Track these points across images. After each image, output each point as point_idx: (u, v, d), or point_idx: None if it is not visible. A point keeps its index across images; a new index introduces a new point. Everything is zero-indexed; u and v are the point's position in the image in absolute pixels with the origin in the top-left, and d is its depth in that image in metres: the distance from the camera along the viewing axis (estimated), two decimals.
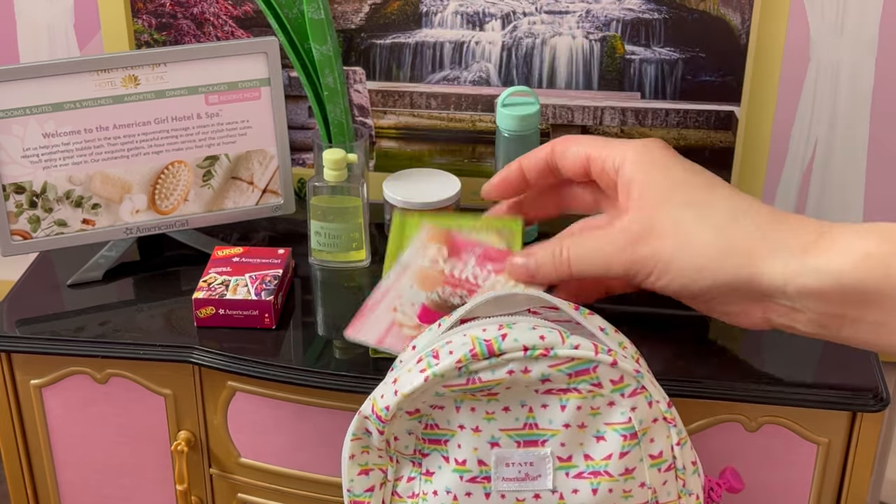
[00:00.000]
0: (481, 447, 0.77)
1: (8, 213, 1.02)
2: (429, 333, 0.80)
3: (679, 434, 0.77)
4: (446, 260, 0.89)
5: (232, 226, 1.14)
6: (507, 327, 0.75)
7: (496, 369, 0.74)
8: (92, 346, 0.98)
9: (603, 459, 0.77)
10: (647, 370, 0.79)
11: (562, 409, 0.76)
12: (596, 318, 0.80)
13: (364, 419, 0.78)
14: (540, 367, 0.74)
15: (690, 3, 1.09)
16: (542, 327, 0.75)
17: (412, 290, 0.88)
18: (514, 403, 0.77)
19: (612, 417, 0.76)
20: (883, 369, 0.91)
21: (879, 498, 1.54)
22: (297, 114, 1.20)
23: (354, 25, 1.15)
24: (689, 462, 0.78)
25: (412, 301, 0.87)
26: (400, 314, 0.87)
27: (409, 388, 0.74)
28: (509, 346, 0.73)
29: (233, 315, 0.98)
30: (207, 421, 1.00)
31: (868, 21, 1.38)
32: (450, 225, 1.02)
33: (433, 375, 0.74)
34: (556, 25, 1.12)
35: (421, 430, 0.78)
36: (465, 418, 0.77)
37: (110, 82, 1.01)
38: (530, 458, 0.77)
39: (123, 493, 1.06)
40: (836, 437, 0.91)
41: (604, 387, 0.75)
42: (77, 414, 1.02)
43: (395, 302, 0.87)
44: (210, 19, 1.17)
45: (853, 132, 1.43)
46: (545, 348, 0.74)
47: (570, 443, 0.77)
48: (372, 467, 0.80)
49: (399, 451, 0.79)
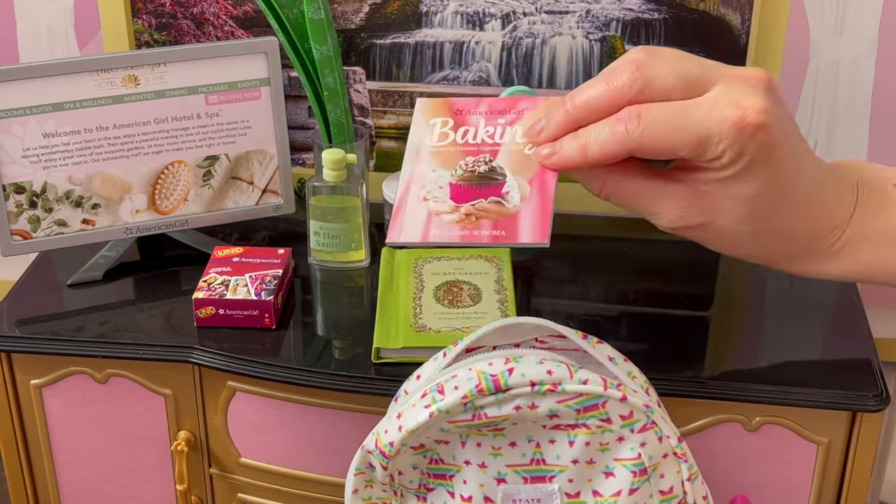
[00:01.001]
0: (487, 483, 0.76)
1: (8, 213, 1.02)
2: (433, 363, 0.79)
3: (690, 469, 0.76)
4: (455, 130, 0.84)
5: (232, 226, 1.14)
6: (513, 361, 0.73)
7: (503, 405, 0.73)
8: (92, 346, 0.98)
9: (612, 496, 0.75)
10: (658, 402, 0.78)
11: (570, 444, 0.75)
12: (605, 347, 0.79)
13: (367, 454, 0.77)
14: (548, 402, 0.73)
15: (690, 3, 1.09)
16: (550, 361, 0.73)
17: (435, 173, 0.82)
18: (521, 439, 0.75)
19: (622, 453, 0.75)
20: (883, 369, 0.91)
21: (879, 498, 1.54)
22: (297, 114, 1.20)
23: (354, 25, 1.15)
24: (700, 497, 0.77)
25: (439, 184, 0.81)
26: (432, 202, 0.80)
27: (414, 424, 0.73)
28: (516, 381, 0.72)
29: (233, 315, 0.98)
30: (207, 421, 1.00)
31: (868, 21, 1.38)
32: (432, 256, 1.02)
33: (438, 411, 0.72)
34: (556, 25, 1.12)
35: (426, 464, 0.77)
36: (470, 454, 0.76)
37: (110, 82, 1.01)
38: (537, 495, 0.76)
39: (123, 493, 1.06)
40: (836, 437, 0.91)
41: (613, 422, 0.74)
42: (77, 414, 1.02)
43: (422, 191, 0.81)
44: (210, 19, 1.17)
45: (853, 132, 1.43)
46: (553, 383, 0.72)
47: (579, 479, 0.76)
48: (376, 501, 0.79)
49: (403, 485, 0.78)
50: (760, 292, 1.06)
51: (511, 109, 0.83)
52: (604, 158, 0.75)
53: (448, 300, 0.97)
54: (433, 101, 0.86)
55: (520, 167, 0.79)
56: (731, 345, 0.97)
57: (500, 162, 0.81)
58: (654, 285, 1.05)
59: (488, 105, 0.84)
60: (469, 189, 0.80)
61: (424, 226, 0.78)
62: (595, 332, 0.97)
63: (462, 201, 0.80)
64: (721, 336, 0.98)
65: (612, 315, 1.00)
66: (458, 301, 0.97)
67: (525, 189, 0.79)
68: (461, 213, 0.79)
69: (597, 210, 1.16)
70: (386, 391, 0.91)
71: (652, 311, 1.01)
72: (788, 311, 1.00)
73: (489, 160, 0.81)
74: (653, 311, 1.01)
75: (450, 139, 0.84)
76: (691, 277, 1.07)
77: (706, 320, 1.01)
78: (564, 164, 0.77)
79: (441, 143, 0.84)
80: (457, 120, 0.85)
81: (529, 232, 0.77)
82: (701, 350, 0.96)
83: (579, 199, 1.19)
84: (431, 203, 0.80)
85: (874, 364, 0.91)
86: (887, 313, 1.65)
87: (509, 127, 0.82)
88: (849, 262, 0.78)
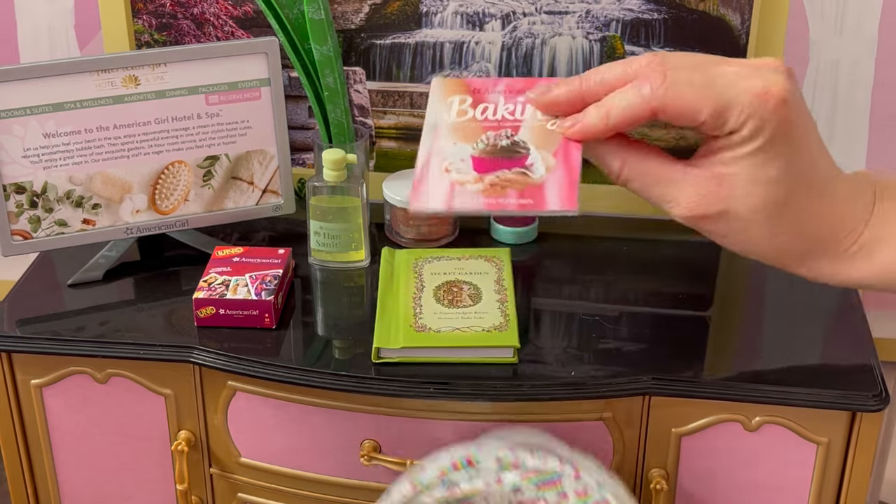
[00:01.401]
0: None
1: (8, 213, 1.02)
2: None
3: None
4: (474, 107, 0.84)
5: (232, 226, 1.14)
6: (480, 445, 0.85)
7: (473, 479, 0.85)
8: (92, 346, 0.98)
9: None
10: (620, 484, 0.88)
11: None
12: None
13: None
14: (511, 477, 0.84)
15: (690, 4, 1.09)
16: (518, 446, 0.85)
17: (456, 146, 0.82)
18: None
19: None
20: (883, 369, 0.91)
21: (879, 498, 1.54)
22: (297, 114, 1.20)
23: (354, 26, 1.15)
24: None
25: (461, 157, 0.81)
26: (455, 173, 0.80)
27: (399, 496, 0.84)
28: (484, 456, 0.84)
29: (233, 315, 0.98)
30: (208, 421, 1.00)
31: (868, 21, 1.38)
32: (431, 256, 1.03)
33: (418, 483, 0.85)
34: (555, 26, 1.12)
35: None
36: None
37: (111, 82, 1.01)
38: None
39: (123, 493, 1.06)
40: (836, 437, 0.91)
41: (569, 497, 0.84)
42: (77, 414, 1.02)
43: (444, 163, 0.81)
44: (210, 19, 1.17)
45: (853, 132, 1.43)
46: (516, 460, 0.84)
47: None
48: None
49: None
50: (760, 292, 1.07)
51: (530, 88, 0.83)
52: (626, 121, 0.75)
53: (448, 300, 0.97)
54: (450, 80, 0.86)
55: (543, 141, 0.79)
56: (731, 345, 0.97)
57: (522, 136, 0.81)
58: (654, 285, 1.05)
59: (507, 84, 0.84)
60: (492, 160, 0.80)
61: (448, 194, 0.78)
62: (595, 332, 0.97)
63: (485, 172, 0.79)
64: (721, 336, 0.98)
65: (612, 315, 1.00)
66: (458, 301, 0.97)
67: (550, 161, 0.79)
68: (486, 183, 0.79)
69: (597, 210, 1.16)
70: (386, 391, 0.91)
71: (652, 311, 1.01)
72: (788, 312, 1.00)
73: (511, 135, 0.81)
74: (653, 311, 1.01)
75: (469, 115, 0.83)
76: (691, 277, 1.07)
77: (706, 320, 1.01)
78: (588, 132, 0.77)
79: (461, 119, 0.83)
80: (475, 97, 0.84)
81: (557, 199, 0.78)
82: (701, 350, 0.96)
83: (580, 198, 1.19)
84: (454, 174, 0.80)
85: (874, 364, 0.91)
86: (887, 314, 1.65)
87: (529, 104, 0.82)
88: (867, 265, 0.78)
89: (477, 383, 0.91)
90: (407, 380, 0.91)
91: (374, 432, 0.96)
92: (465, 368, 0.92)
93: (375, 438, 0.96)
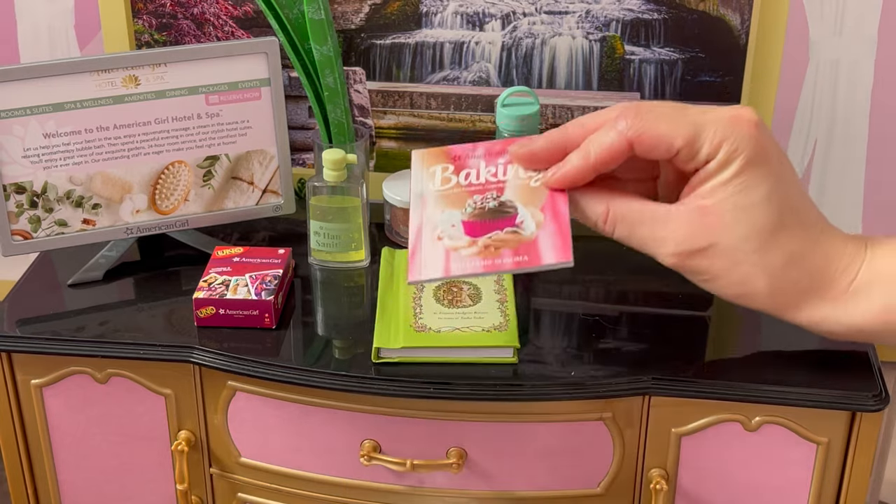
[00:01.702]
0: None
1: (8, 213, 1.02)
2: None
3: None
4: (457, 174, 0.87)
5: (232, 226, 1.14)
6: None
7: None
8: (92, 346, 0.98)
9: None
10: None
11: None
12: None
13: None
14: None
15: (690, 4, 1.09)
16: None
17: (444, 214, 0.85)
18: None
19: None
20: (882, 369, 0.91)
21: (879, 498, 1.54)
22: (297, 114, 1.20)
23: (354, 26, 1.15)
24: None
25: (451, 223, 0.84)
26: (448, 240, 0.83)
27: None
28: None
29: (233, 315, 0.98)
30: (208, 421, 1.00)
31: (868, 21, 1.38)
32: None
33: None
34: (555, 26, 1.12)
35: None
36: None
37: (111, 82, 1.01)
38: None
39: (123, 493, 1.06)
40: (836, 437, 0.91)
41: None
42: (77, 414, 1.02)
43: (435, 232, 0.83)
44: (210, 19, 1.17)
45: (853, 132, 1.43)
46: None
47: None
48: None
49: None
50: None
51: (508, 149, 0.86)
52: (606, 157, 0.77)
53: (448, 300, 0.98)
54: (429, 151, 0.88)
55: (529, 199, 0.82)
56: (730, 345, 0.97)
57: (508, 196, 0.83)
58: (654, 285, 1.05)
59: (485, 148, 0.87)
60: (483, 223, 0.83)
61: (444, 262, 0.81)
62: (595, 332, 0.97)
63: (478, 235, 0.82)
64: (721, 336, 0.98)
65: (612, 315, 1.00)
66: (458, 301, 0.97)
67: (538, 216, 0.82)
68: (480, 246, 0.82)
69: None
70: (386, 391, 0.91)
71: (652, 311, 1.01)
72: None
73: (497, 196, 0.84)
74: (653, 311, 1.01)
75: (453, 182, 0.86)
76: None
77: (706, 320, 1.01)
78: (570, 175, 0.80)
79: (445, 187, 0.86)
80: (456, 164, 0.87)
81: (552, 253, 0.80)
82: (701, 350, 0.96)
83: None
84: (447, 240, 0.83)
85: (874, 364, 0.91)
86: None
87: (510, 165, 0.85)
88: (867, 304, 0.78)
89: (477, 383, 0.91)
90: (407, 380, 0.91)
91: (374, 432, 0.96)
92: (465, 368, 0.92)
93: (375, 438, 0.96)
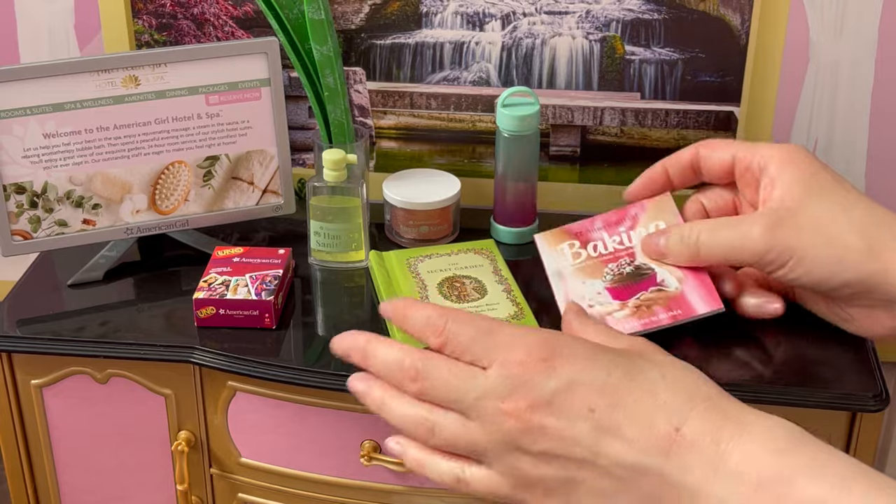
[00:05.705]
0: None
1: (8, 213, 1.02)
2: None
3: None
4: (584, 248, 0.93)
5: (232, 226, 1.14)
6: None
7: None
8: (92, 346, 0.98)
9: None
10: None
11: None
12: None
13: None
14: None
15: (690, 4, 1.09)
16: None
17: (585, 284, 0.90)
18: None
19: None
20: (883, 369, 0.91)
21: None
22: (297, 114, 1.20)
23: (354, 26, 1.15)
24: None
25: (596, 291, 0.90)
26: (598, 307, 0.89)
27: None
28: None
29: (233, 315, 0.98)
30: (208, 421, 1.00)
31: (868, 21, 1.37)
32: (422, 254, 1.04)
33: None
34: (555, 26, 1.12)
35: None
36: None
37: (111, 82, 1.01)
38: None
39: (123, 493, 1.06)
40: (836, 438, 0.91)
41: None
42: (77, 414, 1.02)
43: (584, 302, 0.89)
44: (210, 20, 1.17)
45: (853, 132, 1.43)
46: None
47: None
48: None
49: None
50: None
51: (625, 217, 0.94)
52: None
53: (455, 296, 0.98)
54: (550, 233, 0.96)
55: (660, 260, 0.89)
56: (730, 345, 0.97)
57: (640, 261, 0.90)
58: None
59: (602, 220, 0.95)
60: (626, 287, 0.89)
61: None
62: None
63: (625, 298, 0.88)
64: (721, 336, 0.97)
65: None
66: (466, 295, 0.97)
67: (677, 273, 0.88)
68: (630, 307, 0.87)
69: (597, 210, 1.16)
70: None
71: None
72: (788, 311, 1.00)
73: (630, 262, 0.91)
74: None
75: (584, 255, 0.93)
76: None
77: (706, 321, 1.01)
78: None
79: (578, 261, 0.93)
80: (581, 240, 0.94)
81: (703, 303, 0.88)
82: (701, 350, 0.96)
83: (580, 199, 1.19)
84: (598, 307, 0.89)
85: (874, 364, 0.91)
86: None
87: (632, 231, 0.92)
88: None
89: None
90: None
91: (374, 432, 0.96)
92: None
93: (375, 438, 0.96)
